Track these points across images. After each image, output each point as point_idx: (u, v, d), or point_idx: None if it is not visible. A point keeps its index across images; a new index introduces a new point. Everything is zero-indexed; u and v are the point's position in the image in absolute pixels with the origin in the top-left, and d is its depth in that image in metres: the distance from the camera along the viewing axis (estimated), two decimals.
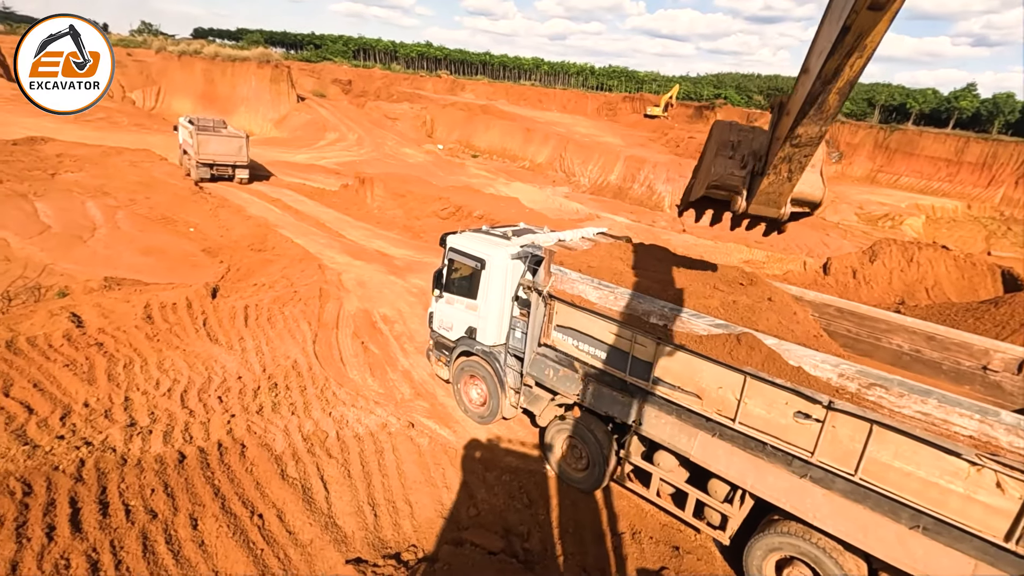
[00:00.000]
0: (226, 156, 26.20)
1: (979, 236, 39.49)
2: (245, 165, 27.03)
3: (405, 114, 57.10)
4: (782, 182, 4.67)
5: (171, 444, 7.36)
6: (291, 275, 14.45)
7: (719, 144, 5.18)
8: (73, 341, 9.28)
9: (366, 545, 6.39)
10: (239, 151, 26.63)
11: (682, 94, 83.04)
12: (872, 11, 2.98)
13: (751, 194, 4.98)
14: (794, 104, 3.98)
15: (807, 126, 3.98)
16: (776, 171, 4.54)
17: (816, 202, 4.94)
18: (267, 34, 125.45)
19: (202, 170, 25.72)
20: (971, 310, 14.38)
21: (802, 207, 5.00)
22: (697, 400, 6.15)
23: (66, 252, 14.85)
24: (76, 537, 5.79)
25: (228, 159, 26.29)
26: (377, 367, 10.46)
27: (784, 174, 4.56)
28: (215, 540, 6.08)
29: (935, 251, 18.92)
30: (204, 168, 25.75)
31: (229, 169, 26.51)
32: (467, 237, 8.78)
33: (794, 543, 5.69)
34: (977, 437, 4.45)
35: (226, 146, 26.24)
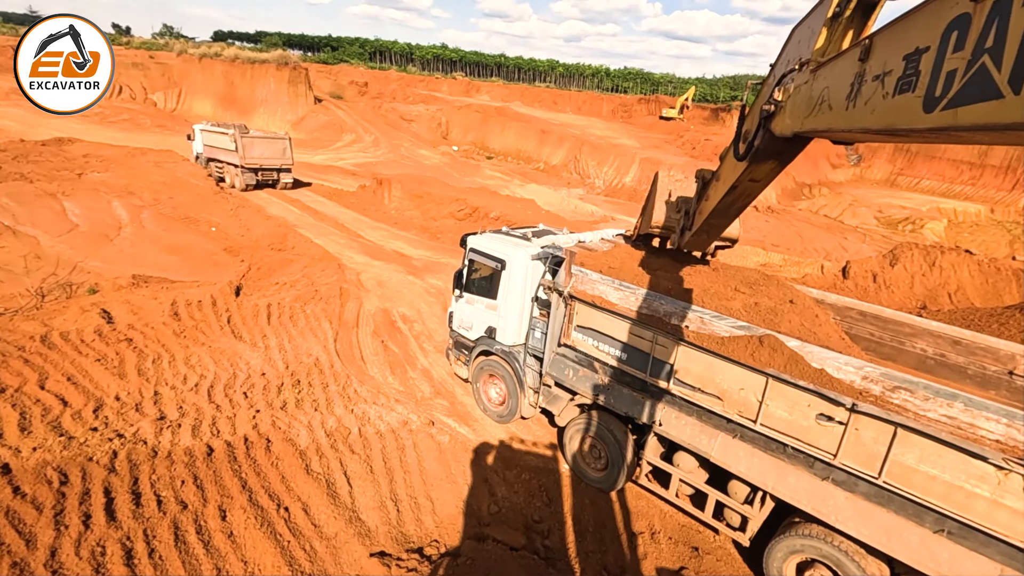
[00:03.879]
0: (271, 159, 25.02)
1: (1003, 241, 38.68)
2: (290, 168, 25.73)
3: (421, 116, 57.52)
4: (704, 240, 6.54)
5: (199, 438, 7.56)
6: (311, 274, 14.69)
7: (660, 193, 6.86)
8: (104, 336, 9.56)
9: (389, 539, 6.51)
10: (284, 153, 25.30)
11: (698, 96, 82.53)
12: (751, 183, 4.43)
13: (683, 235, 6.60)
14: (713, 194, 5.52)
15: (718, 219, 5.62)
16: (698, 234, 6.24)
17: (735, 239, 6.88)
18: (285, 36, 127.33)
19: (247, 176, 24.26)
20: (995, 315, 14.14)
21: (724, 242, 6.94)
22: (718, 401, 6.18)
23: (94, 250, 15.24)
24: (111, 525, 5.99)
25: (273, 162, 25.07)
26: (397, 365, 10.60)
27: (705, 236, 6.35)
28: (243, 531, 6.24)
29: (958, 255, 18.62)
30: (250, 174, 24.30)
31: (274, 174, 25.27)
32: (487, 238, 8.88)
33: (815, 546, 5.68)
34: (1004, 441, 4.43)
35: (271, 149, 24.99)
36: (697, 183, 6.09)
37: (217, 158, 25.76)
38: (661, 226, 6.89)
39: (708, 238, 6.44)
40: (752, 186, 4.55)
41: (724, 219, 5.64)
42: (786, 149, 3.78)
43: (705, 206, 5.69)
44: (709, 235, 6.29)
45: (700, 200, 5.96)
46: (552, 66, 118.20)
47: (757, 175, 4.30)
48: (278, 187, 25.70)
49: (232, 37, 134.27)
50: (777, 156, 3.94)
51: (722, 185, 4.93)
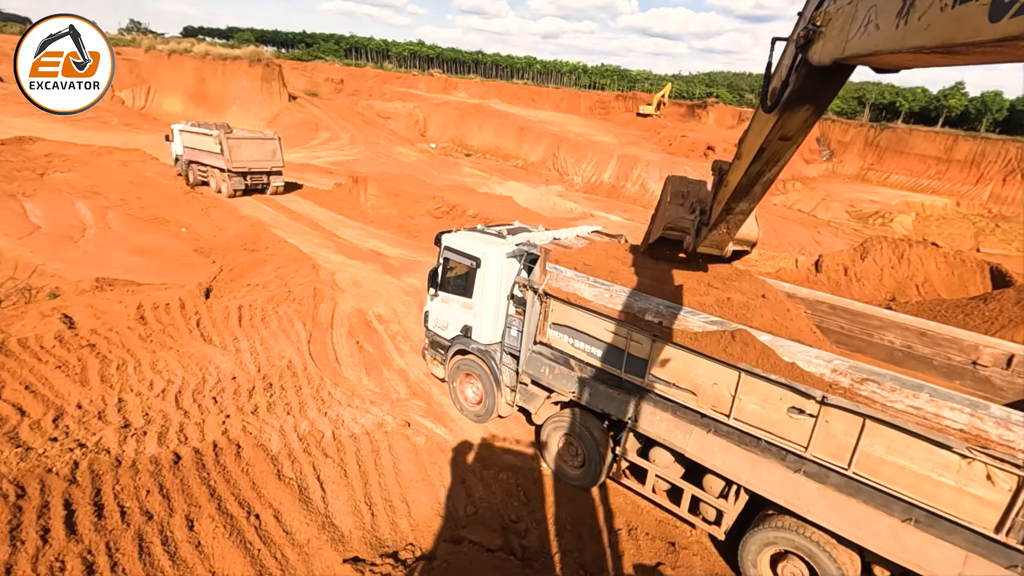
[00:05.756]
0: (261, 162, 23.06)
1: (968, 233, 39.88)
2: (280, 171, 23.88)
3: (398, 113, 56.97)
4: (722, 235, 5.87)
5: (166, 445, 7.33)
6: (285, 275, 14.40)
7: (673, 194, 6.37)
8: (65, 342, 9.21)
9: (364, 544, 6.39)
10: (274, 155, 23.33)
11: (674, 93, 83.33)
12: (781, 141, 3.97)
13: (699, 237, 6.08)
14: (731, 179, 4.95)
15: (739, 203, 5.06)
16: (717, 228, 5.68)
17: (753, 241, 6.19)
18: (258, 32, 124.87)
19: (235, 180, 22.32)
20: (961, 306, 14.54)
21: (742, 245, 6.28)
22: (692, 396, 6.20)
23: (56, 253, 14.72)
24: (71, 539, 5.76)
25: (263, 165, 23.12)
26: (372, 366, 10.45)
27: (724, 231, 5.75)
28: (212, 541, 6.06)
29: (925, 248, 19.10)
30: (238, 178, 22.38)
31: (264, 177, 23.35)
32: (462, 236, 8.78)
33: (788, 537, 5.74)
34: (968, 430, 4.51)
35: (260, 150, 22.97)
36: (714, 175, 5.68)
37: (200, 161, 23.87)
38: (674, 227, 6.31)
39: (728, 232, 5.76)
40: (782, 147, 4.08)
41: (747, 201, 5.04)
42: (823, 86, 3.40)
43: (724, 192, 5.19)
44: (729, 228, 5.67)
45: (718, 190, 5.51)
46: (530, 63, 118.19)
47: (789, 128, 3.80)
48: (268, 192, 23.92)
49: (203, 33, 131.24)
50: (813, 98, 3.52)
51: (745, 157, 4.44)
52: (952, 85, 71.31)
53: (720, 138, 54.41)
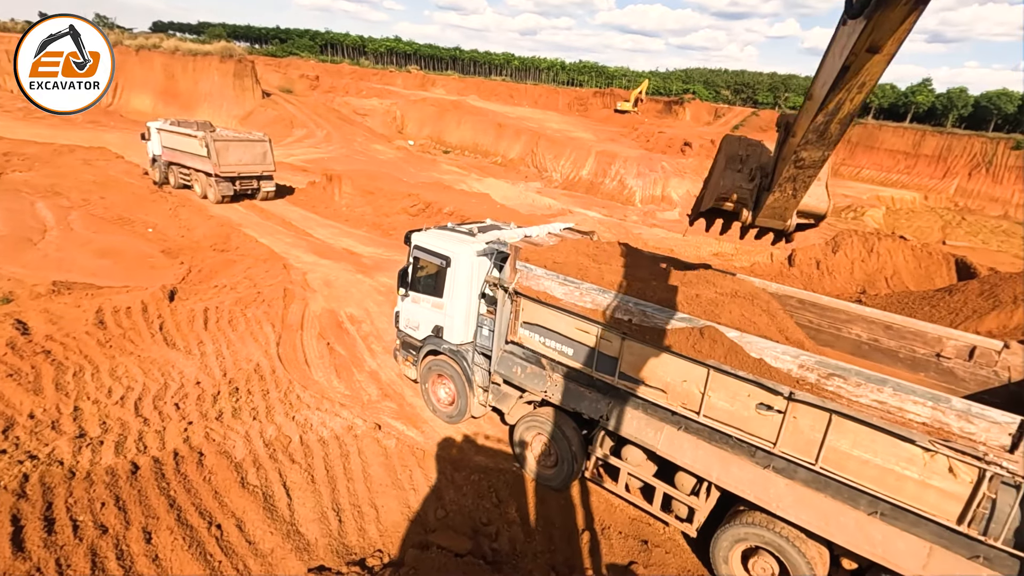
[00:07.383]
0: (251, 166, 21.55)
1: (935, 226, 40.96)
2: (271, 175, 22.45)
3: (375, 110, 56.26)
4: (787, 199, 4.79)
5: (123, 455, 7.04)
6: (255, 275, 14.05)
7: (728, 157, 5.24)
8: (17, 349, 8.82)
9: (330, 552, 6.22)
10: (264, 158, 21.88)
11: (652, 89, 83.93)
12: (870, 53, 3.12)
13: (758, 207, 5.09)
14: (799, 127, 4.10)
15: (811, 151, 4.16)
16: (782, 189, 4.66)
17: (821, 214, 5.07)
18: (230, 28, 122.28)
19: (224, 186, 20.85)
20: (927, 298, 14.86)
21: (807, 219, 5.13)
22: (662, 394, 6.16)
23: (13, 256, 14.16)
24: (18, 557, 5.47)
25: (253, 169, 21.63)
26: (343, 368, 10.23)
27: (789, 192, 4.70)
28: (170, 554, 5.83)
29: (894, 241, 19.50)
30: (226, 184, 20.92)
31: (254, 182, 21.91)
32: (432, 234, 8.62)
33: (758, 533, 5.74)
34: (930, 424, 4.53)
35: (249, 153, 21.49)
36: (779, 132, 4.85)
37: (182, 163, 22.25)
38: (729, 197, 5.25)
39: (794, 194, 4.75)
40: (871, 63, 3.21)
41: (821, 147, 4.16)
42: None
43: (792, 143, 4.36)
44: (796, 189, 4.69)
45: (782, 148, 4.73)
46: (508, 59, 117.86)
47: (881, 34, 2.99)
48: (259, 197, 22.39)
49: (173, 28, 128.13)
50: None
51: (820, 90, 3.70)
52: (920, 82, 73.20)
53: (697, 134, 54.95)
